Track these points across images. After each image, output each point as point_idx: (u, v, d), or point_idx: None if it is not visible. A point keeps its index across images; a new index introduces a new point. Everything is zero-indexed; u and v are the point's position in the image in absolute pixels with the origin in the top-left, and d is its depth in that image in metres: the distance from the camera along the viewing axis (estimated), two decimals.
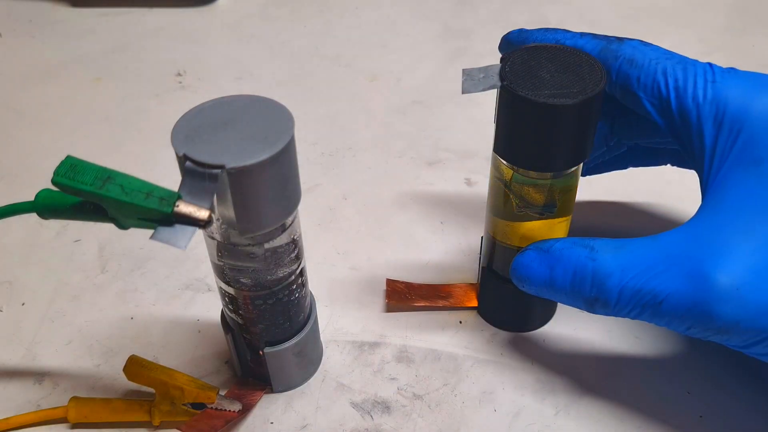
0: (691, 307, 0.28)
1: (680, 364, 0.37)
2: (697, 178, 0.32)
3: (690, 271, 0.28)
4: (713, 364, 0.37)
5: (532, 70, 0.30)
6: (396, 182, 0.49)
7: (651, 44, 0.33)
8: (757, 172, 0.29)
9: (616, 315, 0.31)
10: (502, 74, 0.30)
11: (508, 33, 0.37)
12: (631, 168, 0.42)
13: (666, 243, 0.30)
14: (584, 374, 0.36)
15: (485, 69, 0.30)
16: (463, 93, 0.30)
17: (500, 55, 0.32)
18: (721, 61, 0.61)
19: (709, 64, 0.32)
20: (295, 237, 0.31)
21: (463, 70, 0.30)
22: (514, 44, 0.37)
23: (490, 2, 0.72)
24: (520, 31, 0.37)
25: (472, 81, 0.30)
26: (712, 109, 0.31)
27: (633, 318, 0.30)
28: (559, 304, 0.39)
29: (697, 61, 0.32)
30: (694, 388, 0.36)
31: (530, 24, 0.68)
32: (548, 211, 0.33)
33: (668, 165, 0.40)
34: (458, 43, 0.66)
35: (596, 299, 0.30)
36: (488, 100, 0.36)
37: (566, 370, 0.37)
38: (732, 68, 0.32)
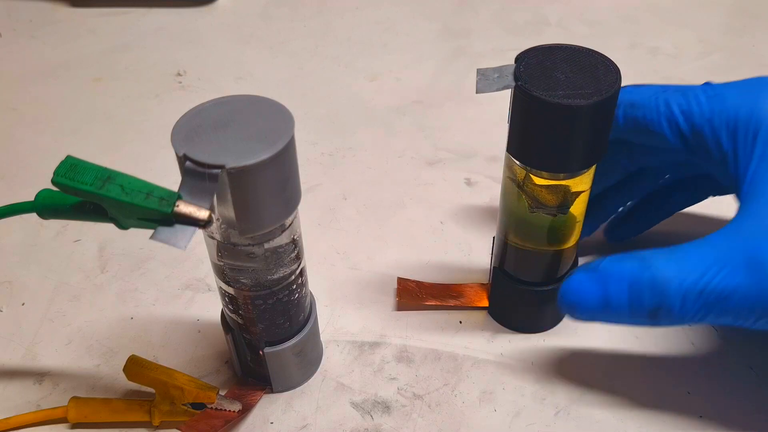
0: (757, 299, 0.28)
1: (680, 364, 0.37)
2: None
3: (748, 264, 0.28)
4: (713, 364, 0.37)
5: (547, 70, 0.29)
6: (396, 182, 0.49)
7: (643, 84, 0.35)
8: None
9: (680, 323, 0.30)
10: (517, 74, 0.29)
11: None
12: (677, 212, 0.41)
13: (718, 242, 0.29)
14: (584, 374, 0.36)
15: (500, 69, 0.30)
16: (477, 92, 0.30)
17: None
18: (721, 61, 0.61)
19: (707, 83, 0.33)
20: (295, 237, 0.31)
21: (478, 69, 0.30)
22: None
23: (490, 2, 0.72)
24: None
25: (486, 81, 0.30)
26: (722, 119, 0.32)
27: (696, 322, 0.29)
28: None
29: (693, 85, 0.34)
30: (694, 388, 0.36)
31: (531, 23, 0.68)
32: (561, 212, 0.33)
33: (710, 197, 0.40)
34: (458, 43, 0.65)
35: (659, 308, 0.29)
36: (489, 100, 0.36)
37: (566, 370, 0.37)
38: (728, 82, 0.33)
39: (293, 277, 0.32)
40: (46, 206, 0.27)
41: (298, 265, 0.32)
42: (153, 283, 0.42)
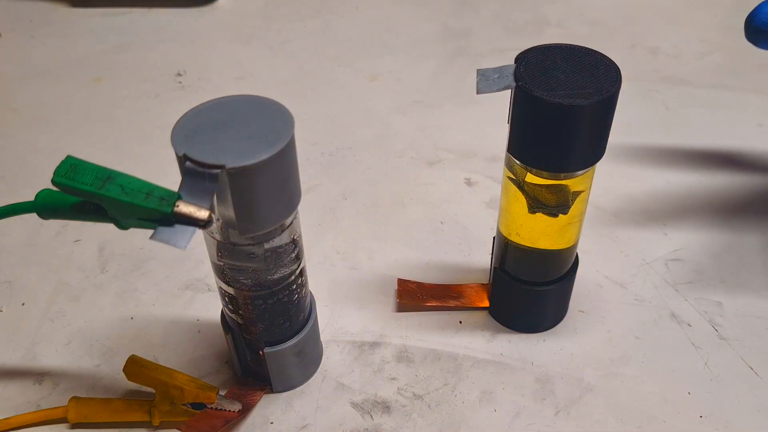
0: None
1: (680, 363, 0.37)
2: None
3: None
4: (713, 364, 0.37)
5: (547, 70, 0.29)
6: (396, 182, 0.49)
7: None
8: None
9: None
10: (517, 74, 0.29)
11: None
12: None
13: None
14: (584, 374, 0.36)
15: (500, 69, 0.30)
16: (478, 93, 0.30)
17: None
18: (721, 61, 0.61)
19: None
20: (295, 237, 0.31)
21: (478, 70, 0.30)
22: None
23: (490, 2, 0.72)
24: None
25: (486, 81, 0.30)
26: None
27: None
28: (569, 303, 0.39)
29: None
30: (694, 388, 0.36)
31: (530, 24, 0.68)
32: (561, 212, 0.33)
33: None
34: (458, 43, 0.65)
35: None
36: (489, 100, 0.36)
37: (566, 370, 0.37)
38: None
39: (293, 277, 0.32)
40: (46, 206, 0.27)
41: (298, 265, 0.32)
42: (153, 283, 0.42)
